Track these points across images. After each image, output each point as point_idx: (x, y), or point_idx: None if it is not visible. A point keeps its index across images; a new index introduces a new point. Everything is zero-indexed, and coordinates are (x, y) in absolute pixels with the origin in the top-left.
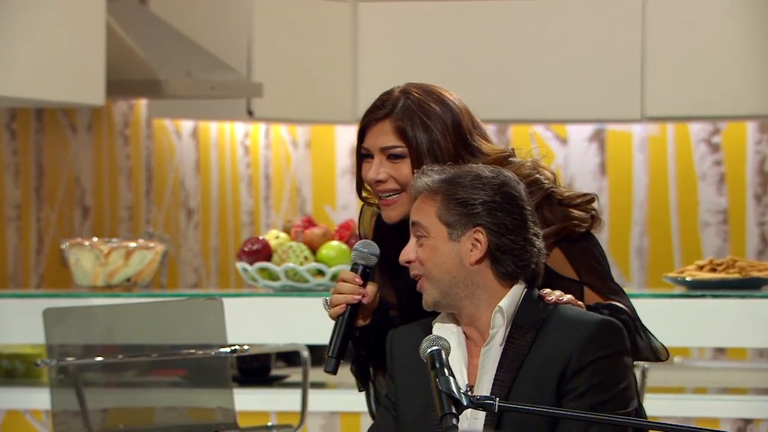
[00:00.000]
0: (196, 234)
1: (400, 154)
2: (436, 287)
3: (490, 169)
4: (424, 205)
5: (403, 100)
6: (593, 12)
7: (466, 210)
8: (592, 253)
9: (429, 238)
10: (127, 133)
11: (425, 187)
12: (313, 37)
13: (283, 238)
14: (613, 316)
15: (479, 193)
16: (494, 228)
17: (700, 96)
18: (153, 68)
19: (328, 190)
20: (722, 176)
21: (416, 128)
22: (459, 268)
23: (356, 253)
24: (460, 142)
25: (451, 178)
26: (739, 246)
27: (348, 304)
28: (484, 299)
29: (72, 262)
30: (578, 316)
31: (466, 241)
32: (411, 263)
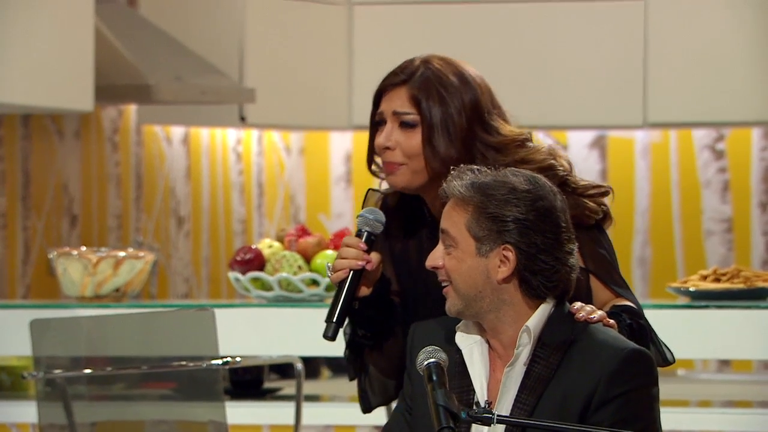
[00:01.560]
0: (186, 243)
1: (412, 122)
2: (461, 298)
3: (527, 179)
4: (455, 213)
5: (423, 69)
6: (595, 17)
7: (496, 226)
8: (600, 243)
9: (457, 249)
10: (116, 139)
11: (457, 193)
12: (306, 41)
13: (277, 247)
14: (633, 320)
15: (512, 210)
16: (524, 247)
17: (703, 102)
18: (143, 73)
19: (323, 198)
20: (726, 184)
21: (432, 100)
22: (485, 284)
23: (362, 219)
24: (477, 120)
25: (485, 189)
26: (744, 255)
27: (351, 269)
28: (510, 315)
29: (60, 272)
30: (608, 341)
31: (495, 258)
32: (438, 269)
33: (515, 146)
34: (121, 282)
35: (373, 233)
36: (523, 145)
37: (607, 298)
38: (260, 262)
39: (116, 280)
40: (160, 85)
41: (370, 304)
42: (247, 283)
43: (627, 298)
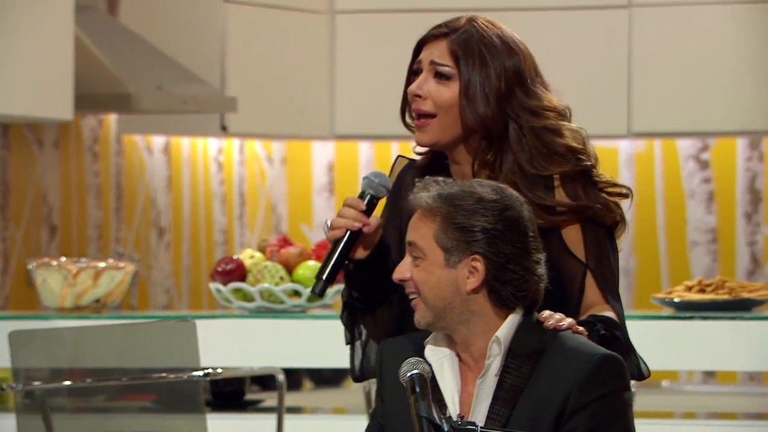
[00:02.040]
0: (167, 254)
1: (448, 74)
2: (430, 310)
3: (494, 189)
4: (422, 224)
5: (467, 27)
6: (579, 26)
7: (464, 236)
8: (606, 245)
9: (425, 261)
10: (96, 149)
11: (424, 204)
12: (288, 50)
13: (258, 258)
14: (607, 331)
15: (480, 219)
16: (493, 257)
17: (688, 111)
18: (123, 82)
19: (305, 208)
20: (711, 194)
21: (472, 59)
22: (454, 295)
23: (366, 181)
24: (518, 84)
25: (452, 199)
26: (729, 266)
27: (348, 229)
28: (479, 326)
29: (39, 283)
30: (579, 348)
31: (463, 269)
32: (405, 282)
33: (552, 113)
34: (101, 293)
35: (375, 196)
36: (559, 115)
37: (595, 301)
38: (242, 272)
39: (96, 291)
40: (141, 94)
41: (365, 267)
42: (228, 293)
43: (613, 309)
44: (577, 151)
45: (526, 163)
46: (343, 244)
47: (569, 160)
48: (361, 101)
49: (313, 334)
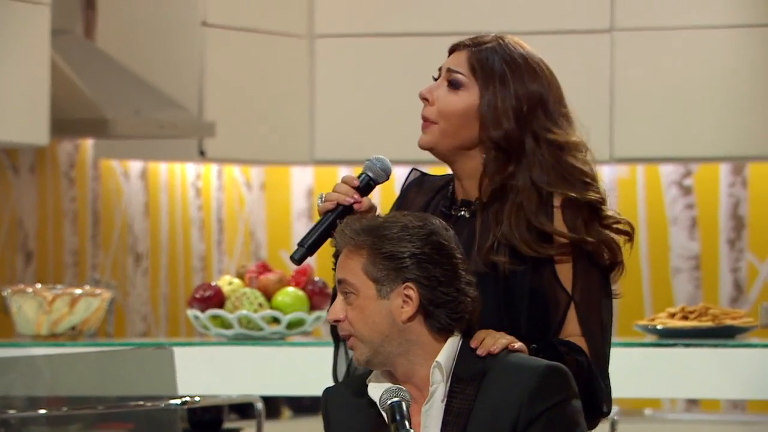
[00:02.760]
0: (144, 280)
1: (459, 82)
2: (367, 346)
3: (417, 217)
4: (350, 261)
5: (493, 43)
6: (559, 50)
7: (393, 264)
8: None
9: (358, 297)
10: (72, 174)
11: (348, 241)
12: (267, 74)
13: (237, 284)
14: (569, 355)
15: (407, 245)
16: (425, 281)
17: (670, 137)
18: (100, 106)
19: (284, 234)
20: (694, 220)
21: (491, 75)
22: (391, 327)
23: (368, 164)
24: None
25: (375, 230)
26: (712, 293)
27: (339, 203)
28: (419, 355)
29: (14, 310)
30: (522, 363)
31: (396, 298)
32: (339, 322)
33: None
34: (78, 320)
35: (373, 179)
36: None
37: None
38: (220, 299)
39: (72, 318)
40: (118, 119)
41: None
42: (206, 320)
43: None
44: (589, 178)
45: (539, 181)
46: (331, 218)
47: (580, 186)
48: (341, 126)
49: (292, 361)
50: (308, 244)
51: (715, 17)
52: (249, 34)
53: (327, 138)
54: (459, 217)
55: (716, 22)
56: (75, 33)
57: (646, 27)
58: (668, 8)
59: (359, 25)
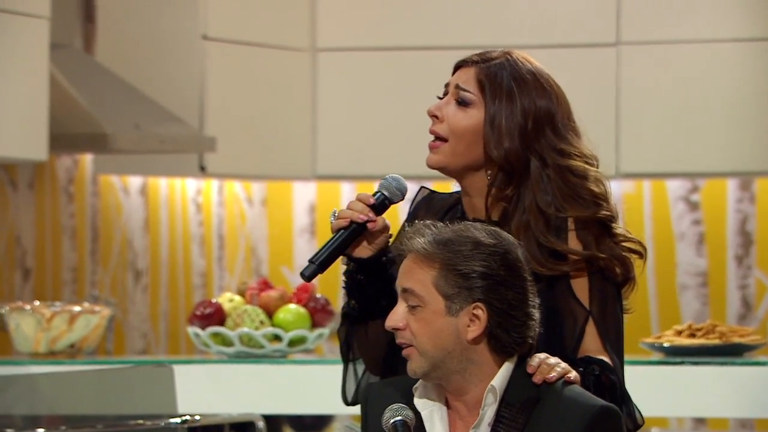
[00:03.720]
0: (144, 297)
1: (469, 100)
2: (427, 360)
3: (490, 232)
4: (419, 270)
5: (501, 59)
6: (565, 64)
7: (466, 283)
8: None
9: (424, 309)
10: (71, 189)
11: (420, 249)
12: (269, 89)
13: (238, 302)
14: (603, 375)
15: (479, 264)
16: (496, 303)
17: (677, 151)
18: (99, 121)
19: (285, 251)
20: (702, 236)
21: (499, 91)
22: (455, 344)
23: (383, 182)
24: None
25: (450, 244)
26: (720, 310)
27: (352, 221)
28: (475, 375)
29: (12, 328)
30: (575, 399)
31: (465, 317)
32: (400, 331)
33: (580, 157)
34: (76, 338)
35: (389, 198)
36: (587, 161)
37: (593, 348)
38: (221, 316)
39: (71, 336)
40: (117, 134)
41: (365, 270)
42: (207, 338)
43: (610, 357)
44: (600, 197)
45: (543, 204)
46: (344, 236)
47: (589, 205)
48: (344, 141)
49: (294, 379)
50: (319, 261)
51: (723, 31)
52: (250, 47)
53: (329, 153)
54: None
55: (724, 36)
56: (74, 47)
57: (653, 41)
58: (675, 22)
59: (362, 38)
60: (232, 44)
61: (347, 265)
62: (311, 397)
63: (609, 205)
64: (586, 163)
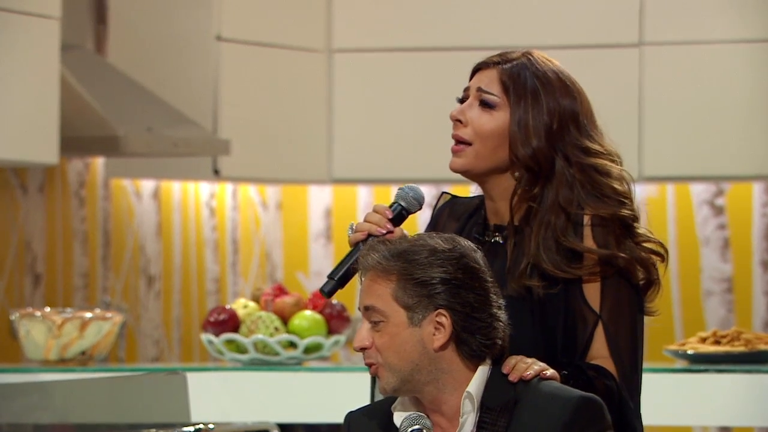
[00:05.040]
0: (157, 303)
1: (493, 102)
2: (395, 375)
3: (446, 239)
4: (377, 286)
5: (522, 59)
6: (587, 65)
7: (426, 291)
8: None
9: (387, 324)
10: (82, 194)
11: (376, 264)
12: (284, 90)
13: (252, 308)
14: (598, 380)
15: (437, 270)
16: (458, 308)
17: (702, 154)
18: (111, 124)
19: (301, 256)
20: (726, 241)
21: (524, 91)
22: (422, 355)
23: (400, 192)
24: (574, 124)
25: (405, 254)
26: (745, 317)
27: (370, 234)
28: (449, 384)
29: (22, 335)
30: (554, 393)
31: (428, 325)
32: (366, 350)
33: (604, 155)
34: (88, 345)
35: (406, 209)
36: (611, 159)
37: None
38: (235, 323)
39: (82, 343)
40: (130, 137)
41: None
42: (220, 345)
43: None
44: (623, 196)
45: (565, 201)
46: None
47: (612, 204)
48: (360, 144)
49: (310, 387)
50: (339, 277)
51: (748, 31)
52: (265, 48)
53: (346, 156)
54: (492, 243)
55: (749, 36)
56: (85, 48)
57: (676, 41)
58: (699, 22)
59: (379, 39)
60: (247, 45)
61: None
62: (327, 405)
63: (632, 204)
64: (610, 160)
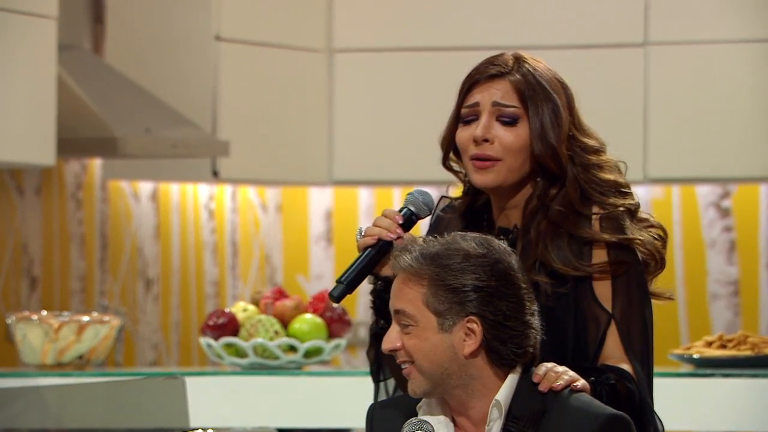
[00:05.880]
0: (155, 307)
1: (514, 116)
2: (426, 378)
3: (480, 242)
4: (408, 289)
5: (521, 65)
6: (592, 65)
7: (457, 297)
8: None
9: (417, 327)
10: (79, 196)
11: (407, 266)
12: (284, 91)
13: (252, 311)
14: (619, 383)
15: (470, 277)
16: (490, 316)
17: (708, 156)
18: (108, 125)
19: (301, 258)
20: (733, 243)
21: (539, 97)
22: (452, 361)
23: (410, 197)
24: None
25: (437, 258)
26: (752, 320)
27: (380, 239)
28: (478, 390)
29: (18, 339)
30: (583, 408)
31: (459, 332)
32: (396, 351)
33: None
34: (85, 349)
35: (416, 214)
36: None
37: (614, 354)
38: (234, 326)
39: (79, 347)
40: (128, 138)
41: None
42: (219, 349)
43: (631, 364)
44: (623, 186)
45: (574, 200)
46: (372, 254)
47: (615, 197)
48: (361, 145)
49: (310, 392)
50: (348, 281)
51: (755, 31)
52: (265, 48)
53: (347, 157)
54: None
55: (756, 36)
56: (83, 48)
57: (682, 41)
58: (705, 21)
59: (380, 39)
60: (246, 45)
61: (374, 284)
62: (327, 410)
63: (632, 193)
64: (603, 152)
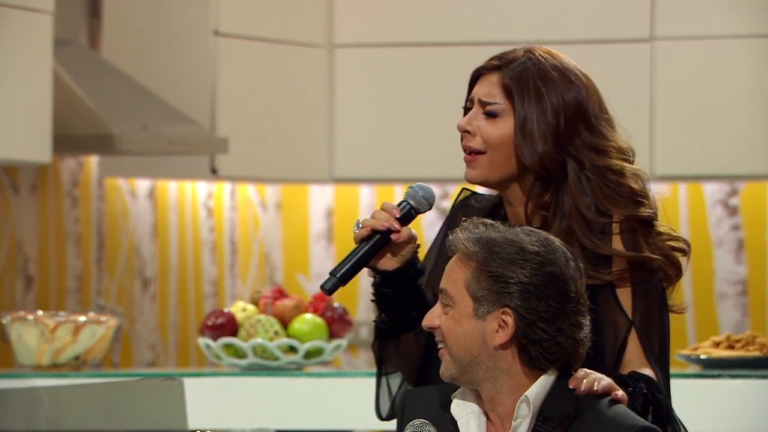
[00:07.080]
0: (152, 306)
1: (496, 111)
2: (455, 362)
3: (540, 240)
4: (456, 269)
5: (523, 59)
6: (597, 60)
7: (497, 287)
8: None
9: (454, 309)
10: (75, 193)
11: (462, 247)
12: (284, 87)
13: (251, 311)
14: (649, 391)
15: (516, 271)
16: (524, 313)
17: (715, 153)
18: (105, 121)
19: (301, 257)
20: (741, 242)
21: (527, 93)
22: (481, 349)
23: (410, 191)
24: (582, 121)
25: (491, 245)
26: (760, 320)
27: (375, 230)
28: (507, 385)
29: (14, 339)
30: (616, 418)
31: (492, 321)
32: (434, 329)
33: (617, 153)
34: (81, 349)
35: (414, 208)
36: (623, 155)
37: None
38: (233, 326)
39: (76, 348)
40: (125, 135)
41: (391, 282)
42: (218, 349)
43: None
44: (640, 195)
45: (583, 207)
46: (367, 246)
47: (630, 204)
48: (362, 142)
49: (310, 393)
50: (341, 274)
51: (762, 26)
52: (264, 43)
53: (347, 154)
54: None
55: (763, 31)
56: (79, 43)
57: (689, 36)
58: (712, 16)
59: (382, 34)
60: (246, 40)
61: (373, 278)
62: (328, 412)
63: (650, 203)
64: (623, 158)
